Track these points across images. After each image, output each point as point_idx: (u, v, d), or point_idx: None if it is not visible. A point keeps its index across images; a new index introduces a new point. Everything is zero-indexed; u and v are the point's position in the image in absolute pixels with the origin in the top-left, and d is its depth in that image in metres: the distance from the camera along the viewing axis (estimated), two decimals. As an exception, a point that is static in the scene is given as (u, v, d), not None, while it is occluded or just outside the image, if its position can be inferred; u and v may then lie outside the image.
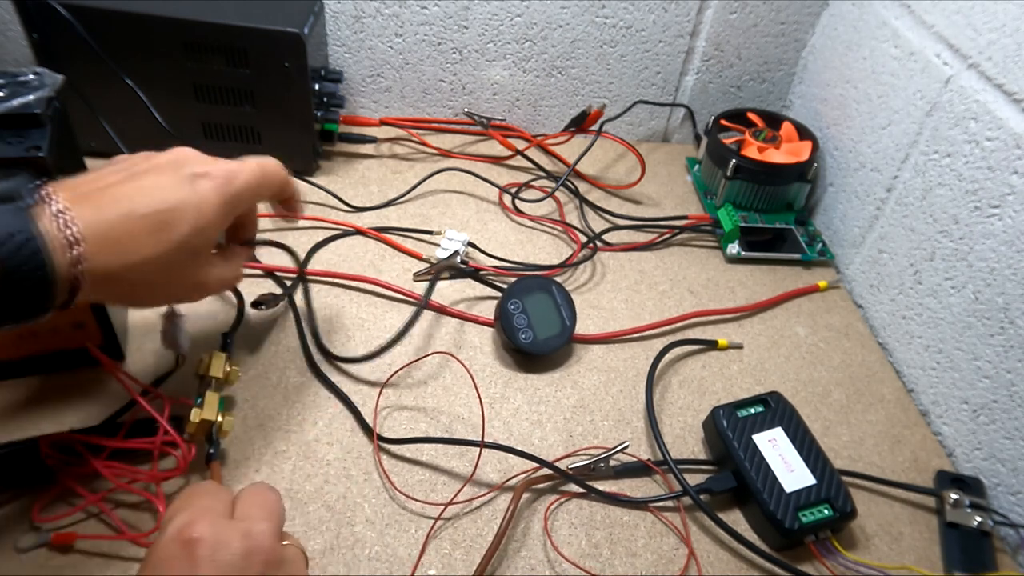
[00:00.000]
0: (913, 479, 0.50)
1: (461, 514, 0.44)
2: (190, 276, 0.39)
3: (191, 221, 0.36)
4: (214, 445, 0.43)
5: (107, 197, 0.34)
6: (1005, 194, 0.49)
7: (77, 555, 0.39)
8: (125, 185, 0.35)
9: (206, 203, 0.37)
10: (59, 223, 0.31)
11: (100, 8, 0.57)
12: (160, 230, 0.35)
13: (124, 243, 0.34)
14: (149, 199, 0.35)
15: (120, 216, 0.34)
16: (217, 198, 0.37)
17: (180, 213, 0.35)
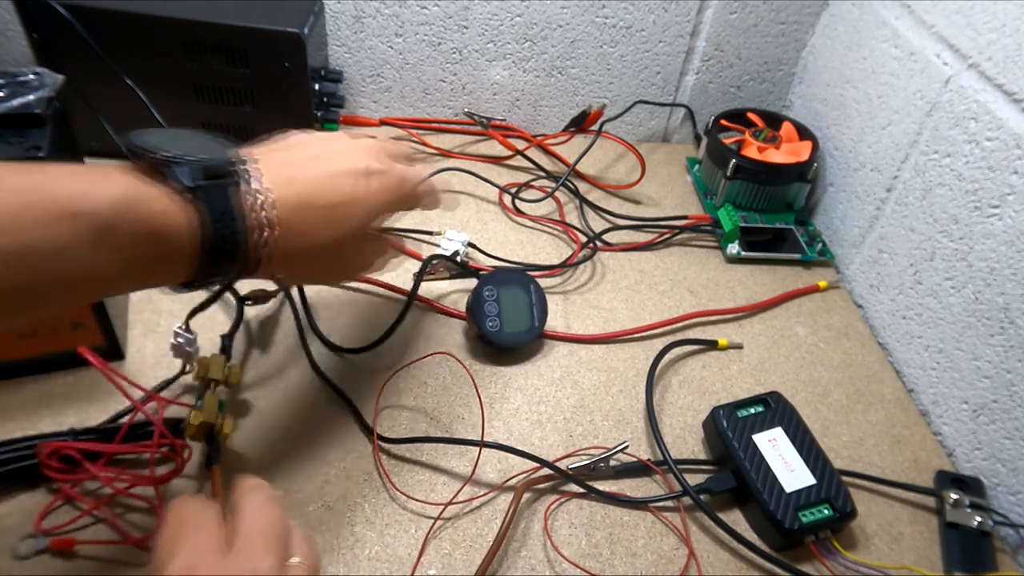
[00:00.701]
0: (913, 479, 0.50)
1: (461, 514, 0.44)
2: (351, 260, 0.41)
3: (361, 215, 0.38)
4: (214, 447, 0.43)
5: (297, 181, 0.35)
6: (1005, 194, 0.49)
7: (77, 560, 0.39)
8: (313, 169, 0.36)
9: (376, 200, 0.38)
10: (257, 204, 0.33)
11: (100, 8, 0.57)
12: (334, 221, 0.37)
13: (303, 229, 0.35)
14: (331, 190, 0.36)
15: (305, 204, 0.35)
16: (387, 197, 0.39)
17: (354, 207, 0.37)
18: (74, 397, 0.46)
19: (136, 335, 0.51)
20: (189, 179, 0.30)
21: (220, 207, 0.31)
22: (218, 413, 0.43)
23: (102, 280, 0.30)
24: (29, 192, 0.27)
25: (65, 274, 0.28)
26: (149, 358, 0.50)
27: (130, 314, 0.53)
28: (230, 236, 0.32)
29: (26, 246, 0.26)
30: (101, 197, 0.28)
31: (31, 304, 0.29)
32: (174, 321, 0.52)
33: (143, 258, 0.30)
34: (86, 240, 0.28)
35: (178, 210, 0.30)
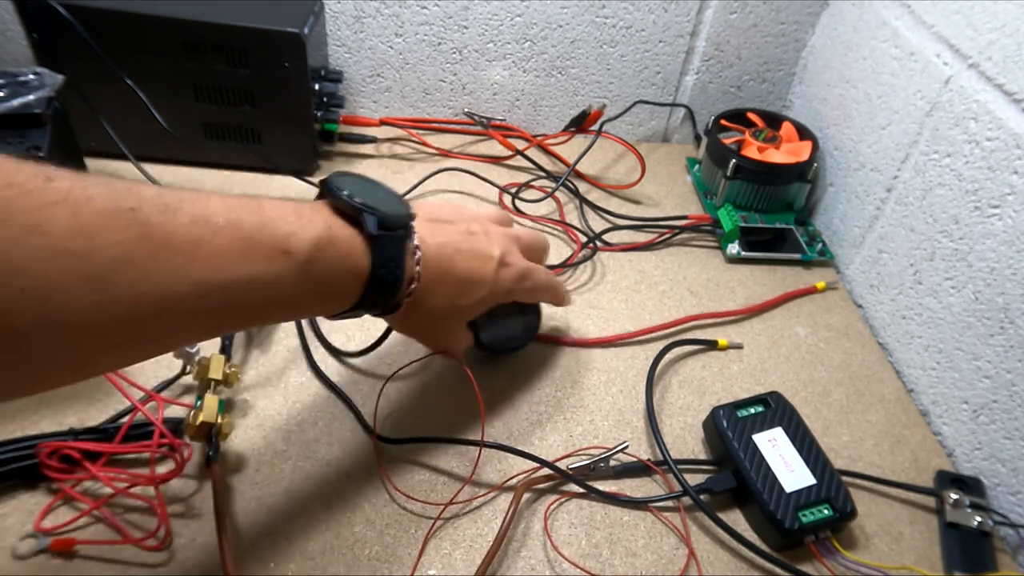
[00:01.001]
0: (913, 479, 0.50)
1: (461, 514, 0.44)
2: (451, 333, 0.46)
3: (480, 295, 0.43)
4: (214, 447, 0.43)
5: (445, 249, 0.40)
6: (1005, 194, 0.49)
7: (77, 560, 0.39)
8: (459, 244, 0.41)
9: (498, 288, 0.43)
10: (414, 259, 0.38)
11: (100, 8, 0.57)
12: (459, 293, 0.42)
13: (434, 291, 0.40)
14: (467, 266, 0.41)
15: (444, 270, 0.40)
16: (507, 286, 0.44)
17: (477, 287, 0.42)
18: (74, 397, 0.46)
19: (136, 335, 0.51)
20: (375, 227, 0.35)
21: (390, 255, 0.36)
22: (218, 413, 0.43)
23: (292, 308, 0.35)
24: (258, 230, 0.31)
25: (275, 300, 0.32)
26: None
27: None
28: (391, 283, 0.36)
29: (254, 275, 0.30)
30: (307, 238, 0.32)
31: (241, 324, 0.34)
32: (174, 321, 0.52)
33: (325, 292, 0.35)
34: (294, 272, 0.32)
35: (359, 254, 0.35)
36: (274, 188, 0.67)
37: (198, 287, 0.28)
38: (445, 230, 0.41)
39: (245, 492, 0.43)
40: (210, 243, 0.28)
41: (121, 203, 0.26)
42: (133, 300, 0.26)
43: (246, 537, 0.41)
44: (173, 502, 0.42)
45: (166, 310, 0.27)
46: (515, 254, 0.45)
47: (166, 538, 0.40)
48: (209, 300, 0.29)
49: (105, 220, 0.25)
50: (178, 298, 0.27)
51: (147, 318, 0.27)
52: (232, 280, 0.29)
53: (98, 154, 0.64)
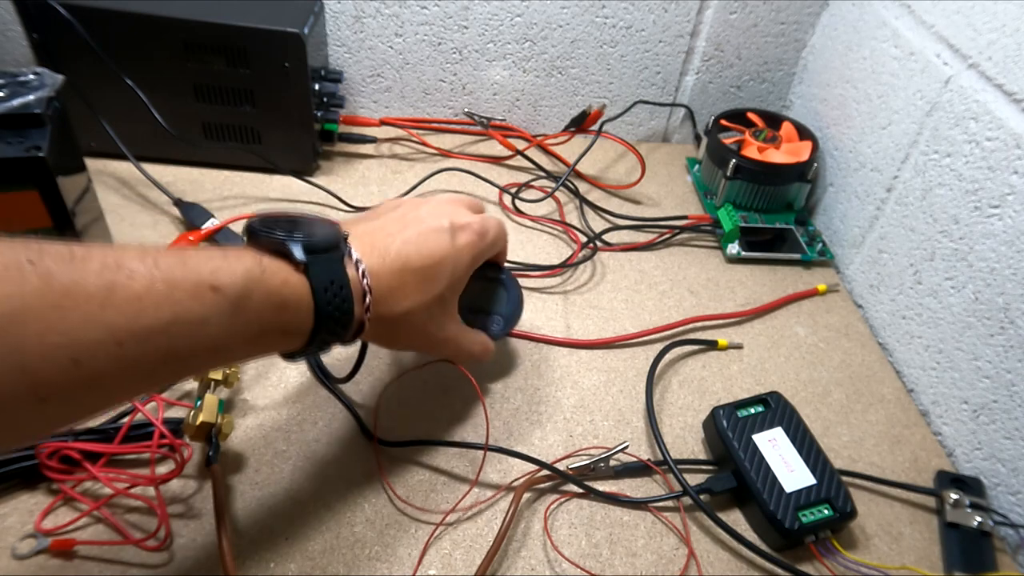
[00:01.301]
0: (913, 479, 0.50)
1: (462, 518, 0.44)
2: (440, 328, 0.43)
3: (448, 274, 0.40)
4: (214, 447, 0.43)
5: (390, 250, 0.38)
6: (1005, 194, 0.49)
7: (77, 560, 0.39)
8: (401, 235, 0.39)
9: (462, 256, 0.41)
10: (358, 272, 0.36)
11: (100, 8, 0.57)
12: (425, 282, 0.39)
13: (397, 294, 0.38)
14: (420, 253, 0.39)
15: (398, 269, 0.38)
16: (470, 251, 0.42)
17: (442, 267, 0.40)
18: (74, 397, 0.46)
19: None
20: (302, 254, 0.33)
21: (329, 278, 0.34)
22: (218, 413, 0.43)
23: (232, 349, 0.32)
24: (179, 268, 0.29)
25: (205, 343, 0.30)
26: (149, 358, 0.50)
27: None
28: (340, 304, 0.35)
29: (177, 316, 0.28)
30: (235, 271, 0.31)
31: (175, 372, 0.31)
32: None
33: (269, 327, 0.33)
34: (225, 310, 0.30)
35: (296, 282, 0.33)
36: (274, 188, 0.67)
37: (114, 334, 0.26)
38: (383, 230, 0.39)
39: (245, 492, 0.43)
40: (125, 287, 0.27)
41: (18, 256, 0.25)
42: (37, 353, 0.25)
43: (246, 537, 0.41)
44: (173, 502, 0.42)
45: (77, 362, 0.25)
46: (462, 214, 0.42)
47: (166, 538, 0.40)
48: (130, 348, 0.27)
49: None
50: (91, 348, 0.26)
51: (57, 372, 0.25)
52: (153, 324, 0.27)
53: (98, 154, 0.64)
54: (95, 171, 0.58)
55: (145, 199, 0.63)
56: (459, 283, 0.42)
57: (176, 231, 0.60)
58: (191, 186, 0.65)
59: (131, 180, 0.64)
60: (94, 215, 0.47)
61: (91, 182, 0.47)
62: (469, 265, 0.42)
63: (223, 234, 0.59)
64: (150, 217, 0.61)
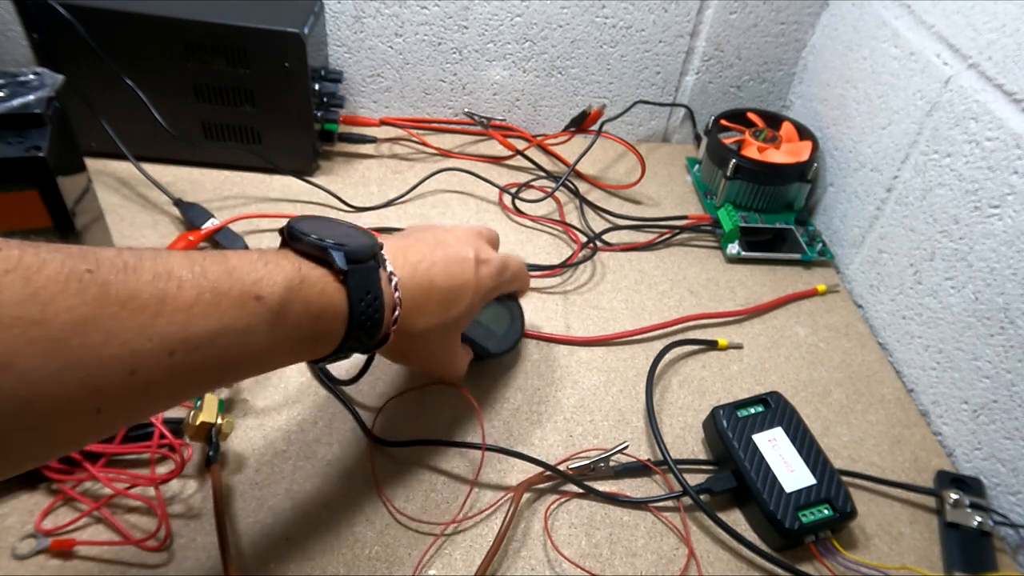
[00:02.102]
0: (913, 479, 0.50)
1: (463, 520, 0.44)
2: (448, 350, 0.45)
3: (468, 300, 0.42)
4: (214, 447, 0.43)
5: (419, 267, 0.39)
6: (1005, 194, 0.49)
7: (77, 560, 0.39)
8: (431, 256, 0.40)
9: (482, 287, 0.43)
10: (392, 286, 0.37)
11: (100, 8, 0.57)
12: (445, 304, 0.41)
13: (421, 311, 0.39)
14: (447, 276, 0.40)
15: (425, 287, 0.39)
16: (490, 283, 0.43)
17: (463, 293, 0.41)
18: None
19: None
20: (343, 262, 0.34)
21: (365, 288, 0.35)
22: (218, 413, 0.43)
23: (273, 356, 0.33)
24: (225, 278, 0.30)
25: (248, 351, 0.31)
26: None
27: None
28: (372, 314, 0.35)
29: (224, 326, 0.29)
30: (277, 281, 0.31)
31: (218, 380, 0.32)
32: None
33: (306, 335, 0.33)
34: (267, 319, 0.31)
35: (334, 291, 0.34)
36: (274, 188, 0.67)
37: (166, 344, 0.27)
38: (415, 248, 0.40)
39: (245, 492, 0.43)
40: (175, 297, 0.27)
41: (77, 266, 0.25)
42: (97, 364, 0.25)
43: (246, 537, 0.41)
44: (173, 502, 0.42)
45: (133, 372, 0.26)
46: (486, 249, 0.44)
47: (166, 539, 0.40)
48: (180, 357, 0.27)
49: (60, 285, 0.24)
50: (146, 358, 0.26)
51: (114, 382, 0.26)
52: (202, 333, 0.28)
53: (98, 154, 0.64)
54: (95, 171, 0.58)
55: (145, 199, 0.63)
56: (472, 312, 0.43)
57: (176, 231, 0.60)
58: (191, 186, 0.65)
59: (131, 180, 0.64)
60: (94, 215, 0.47)
61: (91, 182, 0.47)
62: (485, 297, 0.44)
63: (223, 234, 0.59)
64: (150, 217, 0.61)
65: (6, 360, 0.23)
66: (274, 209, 0.64)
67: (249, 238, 0.60)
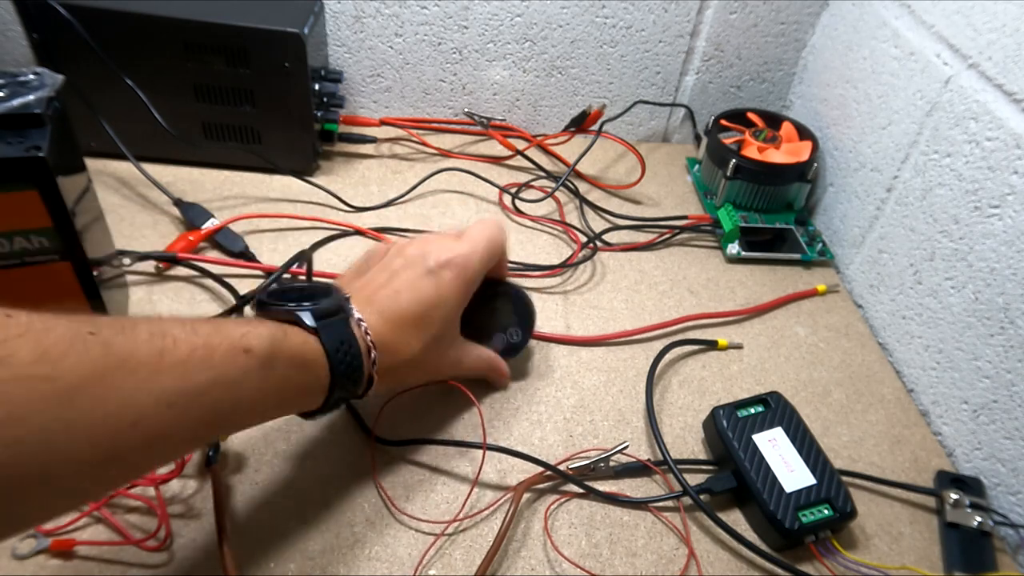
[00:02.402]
0: (913, 479, 0.50)
1: (463, 520, 0.44)
2: (444, 357, 0.45)
3: (441, 314, 0.42)
4: (214, 447, 0.43)
5: (382, 302, 0.41)
6: (1005, 194, 0.49)
7: (77, 560, 0.39)
8: (390, 287, 0.41)
9: (450, 294, 0.43)
10: (362, 331, 0.39)
11: (100, 8, 0.57)
12: (420, 328, 0.42)
13: (398, 343, 0.41)
14: (411, 301, 0.41)
15: (394, 320, 0.40)
16: (458, 286, 0.43)
17: (433, 311, 0.42)
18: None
19: (136, 335, 0.51)
20: (312, 320, 0.36)
21: (339, 338, 0.37)
22: (218, 413, 0.43)
23: (264, 406, 0.35)
24: (215, 334, 0.32)
25: (241, 402, 0.33)
26: (149, 358, 0.50)
27: (130, 314, 0.53)
28: (351, 362, 0.37)
29: (217, 377, 0.31)
30: (263, 335, 0.34)
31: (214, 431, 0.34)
32: (174, 321, 0.52)
33: (294, 385, 0.35)
34: (256, 370, 0.33)
35: (312, 347, 0.36)
36: (274, 188, 0.67)
37: (166, 396, 0.29)
38: (371, 282, 0.42)
39: (245, 492, 0.43)
40: (172, 352, 0.29)
41: (80, 329, 0.27)
42: (102, 417, 0.27)
43: (246, 537, 0.41)
44: (173, 502, 0.42)
45: (135, 424, 0.28)
46: (444, 247, 0.43)
47: (166, 538, 0.40)
48: (178, 409, 0.29)
49: (67, 345, 0.26)
50: (147, 410, 0.28)
51: (118, 435, 0.27)
52: (198, 385, 0.30)
53: (98, 154, 0.64)
54: (95, 171, 0.58)
55: (145, 199, 0.63)
56: (454, 317, 0.44)
57: (176, 231, 0.60)
58: (191, 186, 0.65)
59: (131, 180, 0.64)
60: (94, 215, 0.47)
61: (91, 182, 0.47)
62: (460, 298, 0.44)
63: (223, 234, 0.59)
64: (150, 217, 0.61)
65: (22, 413, 0.24)
66: (274, 209, 0.64)
67: (249, 238, 0.60)
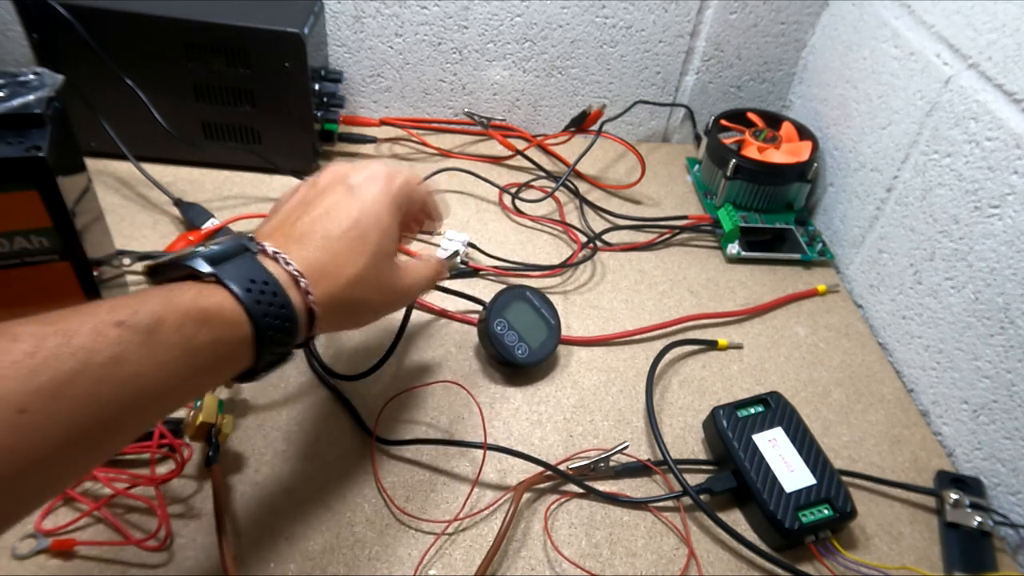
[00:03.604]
0: (913, 479, 0.50)
1: (463, 520, 0.44)
2: (394, 281, 0.40)
3: (375, 225, 0.38)
4: (214, 447, 0.43)
5: (303, 232, 0.36)
6: (1005, 194, 0.49)
7: (77, 560, 0.39)
8: (309, 216, 0.37)
9: (379, 204, 0.38)
10: (281, 263, 0.34)
11: (100, 8, 0.57)
12: (356, 244, 0.37)
13: (334, 268, 0.36)
14: (335, 219, 0.37)
15: (321, 244, 0.36)
16: (385, 197, 0.39)
17: (364, 221, 0.37)
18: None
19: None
20: (206, 265, 0.31)
21: (247, 276, 0.32)
22: (218, 413, 0.43)
23: (169, 381, 0.29)
24: (71, 317, 0.27)
25: (128, 383, 0.28)
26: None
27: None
28: (272, 299, 0.32)
29: (81, 363, 0.26)
30: (138, 301, 0.29)
31: (115, 427, 0.28)
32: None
33: (200, 347, 0.30)
34: (138, 342, 0.28)
35: (212, 292, 0.31)
36: (274, 188, 0.67)
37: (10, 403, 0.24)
38: (288, 218, 0.37)
39: (245, 492, 0.43)
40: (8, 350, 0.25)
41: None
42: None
43: (246, 537, 0.41)
44: (173, 502, 0.42)
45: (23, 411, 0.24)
46: (360, 168, 0.40)
47: (166, 538, 0.40)
48: (36, 412, 0.25)
49: None
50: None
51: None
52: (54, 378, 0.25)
53: (98, 154, 0.64)
54: (95, 171, 0.58)
55: (145, 199, 0.63)
56: (391, 229, 0.39)
57: (176, 231, 0.60)
58: (191, 186, 0.65)
59: (131, 180, 0.64)
60: (94, 215, 0.47)
61: (91, 182, 0.47)
62: (392, 209, 0.39)
63: (223, 234, 0.59)
64: (150, 217, 0.61)
65: None
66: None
67: (249, 238, 0.60)
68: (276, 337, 0.32)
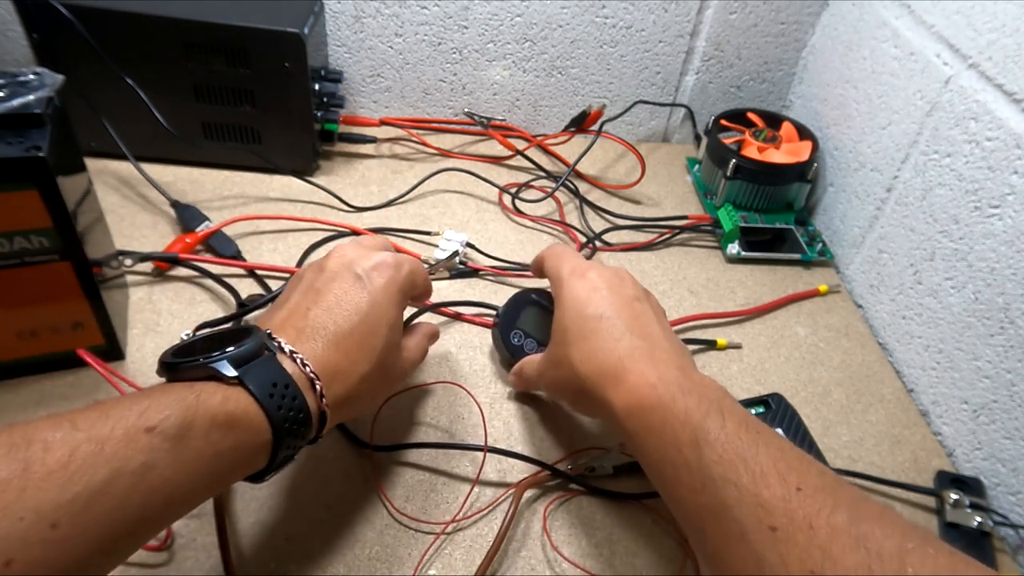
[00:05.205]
0: (913, 479, 0.50)
1: (463, 520, 0.44)
2: (398, 368, 0.41)
3: (383, 318, 0.38)
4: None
5: (315, 327, 0.36)
6: (1005, 194, 0.49)
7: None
8: (319, 306, 0.37)
9: (388, 297, 0.39)
10: (298, 363, 0.34)
11: (100, 8, 0.57)
12: (366, 340, 0.37)
13: (346, 366, 0.36)
14: (345, 313, 0.37)
15: (333, 341, 0.36)
16: (393, 286, 0.39)
17: (373, 314, 0.38)
18: (74, 397, 0.46)
19: (136, 335, 0.51)
20: (231, 369, 0.31)
21: (270, 380, 0.32)
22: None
23: (194, 486, 0.30)
24: (102, 422, 0.27)
25: (155, 490, 0.28)
26: (149, 358, 0.50)
27: (130, 314, 0.53)
28: (291, 403, 0.32)
29: (115, 472, 0.26)
30: (167, 405, 0.29)
31: (138, 532, 0.28)
32: (174, 321, 0.52)
33: (224, 451, 0.30)
34: (168, 448, 0.28)
35: (237, 396, 0.31)
36: (274, 188, 0.67)
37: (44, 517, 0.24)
38: (297, 309, 0.37)
39: (245, 492, 0.43)
40: (41, 461, 0.25)
41: None
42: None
43: (246, 537, 0.41)
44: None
45: (8, 564, 0.24)
46: (367, 254, 0.40)
47: (166, 538, 0.40)
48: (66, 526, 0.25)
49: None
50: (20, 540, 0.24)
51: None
52: (87, 489, 0.25)
53: (98, 154, 0.64)
54: (95, 171, 0.58)
55: (145, 199, 0.63)
56: (397, 321, 0.40)
57: (176, 232, 0.60)
58: (191, 186, 0.65)
59: (131, 180, 0.64)
60: (94, 215, 0.47)
61: (91, 182, 0.47)
62: (398, 300, 0.40)
63: (218, 236, 0.59)
64: (150, 217, 0.61)
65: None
66: (274, 209, 0.64)
67: (249, 238, 0.60)
68: (291, 441, 0.33)
